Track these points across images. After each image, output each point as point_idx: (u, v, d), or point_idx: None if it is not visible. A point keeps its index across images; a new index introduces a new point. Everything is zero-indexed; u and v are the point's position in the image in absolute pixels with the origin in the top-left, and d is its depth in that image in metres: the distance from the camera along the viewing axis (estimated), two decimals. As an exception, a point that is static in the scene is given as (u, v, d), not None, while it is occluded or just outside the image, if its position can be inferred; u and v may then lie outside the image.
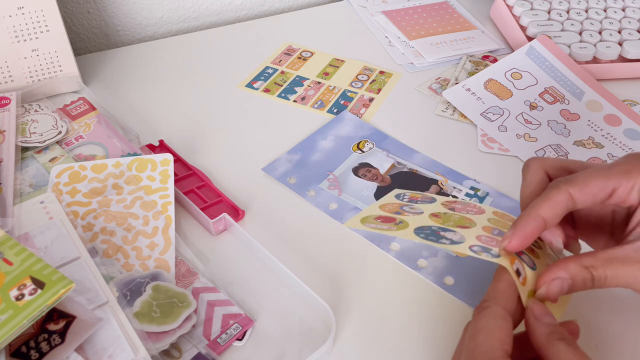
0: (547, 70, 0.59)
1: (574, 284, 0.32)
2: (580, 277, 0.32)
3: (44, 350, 0.32)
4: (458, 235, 0.34)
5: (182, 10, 0.72)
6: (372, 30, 0.70)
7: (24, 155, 0.48)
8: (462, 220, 0.36)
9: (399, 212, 0.38)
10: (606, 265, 0.32)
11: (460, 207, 0.39)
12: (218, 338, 0.36)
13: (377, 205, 0.40)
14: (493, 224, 0.36)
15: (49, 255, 0.37)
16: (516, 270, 0.32)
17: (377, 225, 0.36)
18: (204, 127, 0.55)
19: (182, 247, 0.42)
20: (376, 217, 0.38)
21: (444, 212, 0.38)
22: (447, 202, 0.40)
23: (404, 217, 0.37)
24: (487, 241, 0.34)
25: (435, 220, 0.36)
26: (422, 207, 0.39)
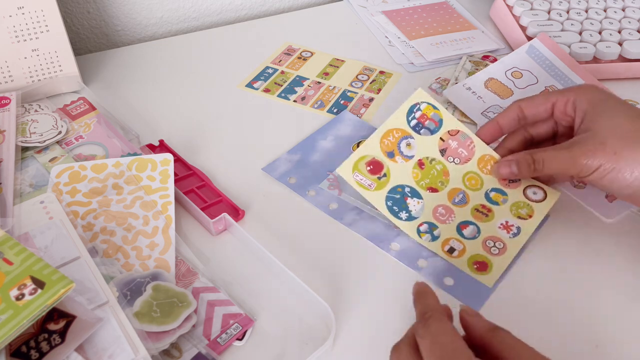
0: (547, 68, 0.59)
1: (520, 167, 0.43)
2: (524, 160, 0.43)
3: (44, 350, 0.32)
4: (420, 205, 0.43)
5: (182, 10, 0.72)
6: (372, 30, 0.70)
7: (24, 155, 0.48)
8: (439, 177, 0.44)
9: (393, 152, 0.44)
10: (543, 151, 0.42)
11: (455, 146, 0.45)
12: (218, 338, 0.36)
13: (383, 130, 0.45)
14: (464, 184, 0.45)
15: (49, 255, 0.37)
16: (448, 250, 0.42)
17: (363, 177, 0.43)
18: (204, 127, 0.55)
19: (182, 247, 0.42)
20: (368, 161, 0.44)
21: (432, 157, 0.45)
22: (450, 132, 0.46)
23: (391, 165, 0.44)
24: (440, 215, 0.43)
25: (415, 175, 0.44)
26: (419, 142, 0.45)
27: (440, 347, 0.30)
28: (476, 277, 0.41)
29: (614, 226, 0.46)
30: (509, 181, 0.45)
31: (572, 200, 0.48)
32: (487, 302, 0.40)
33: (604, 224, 0.46)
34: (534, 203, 0.44)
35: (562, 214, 0.46)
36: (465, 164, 0.45)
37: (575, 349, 0.37)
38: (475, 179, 0.45)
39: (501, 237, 0.42)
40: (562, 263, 0.43)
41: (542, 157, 0.42)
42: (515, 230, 0.43)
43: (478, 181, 0.45)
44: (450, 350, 0.29)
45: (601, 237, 0.45)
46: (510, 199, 0.45)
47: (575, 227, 0.46)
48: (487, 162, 0.46)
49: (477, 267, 0.41)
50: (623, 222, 0.46)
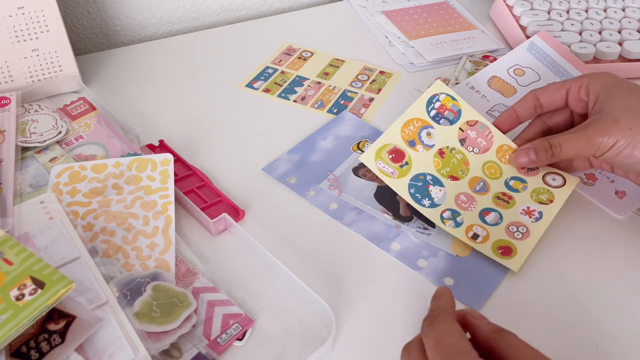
0: (549, 65, 0.59)
1: (537, 153, 0.44)
2: (541, 146, 0.44)
3: (44, 350, 0.32)
4: (442, 193, 0.44)
5: (182, 10, 0.72)
6: (372, 30, 0.70)
7: (24, 155, 0.48)
8: (459, 166, 0.45)
9: (414, 141, 0.45)
10: (559, 135, 0.43)
11: (474, 135, 0.47)
12: (218, 338, 0.36)
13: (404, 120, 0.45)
14: (484, 173, 0.46)
15: (49, 255, 0.37)
16: (472, 236, 0.42)
17: (385, 165, 0.44)
18: (204, 127, 0.55)
19: (182, 247, 0.42)
20: (390, 149, 0.44)
21: (452, 147, 0.46)
22: (467, 123, 0.47)
23: (412, 154, 0.45)
24: (462, 202, 0.44)
25: (436, 163, 0.45)
26: (439, 132, 0.46)
27: (445, 346, 0.30)
28: (501, 262, 0.41)
29: (620, 226, 0.46)
30: (528, 170, 0.46)
31: (581, 197, 0.48)
32: (488, 302, 0.40)
33: (609, 222, 0.46)
34: (553, 189, 0.45)
35: (570, 211, 0.46)
36: (484, 153, 0.46)
37: (575, 348, 0.37)
38: (494, 168, 0.46)
39: (524, 222, 0.43)
40: (562, 263, 0.43)
41: (559, 141, 0.42)
42: (537, 215, 0.44)
43: (497, 170, 0.46)
44: (454, 350, 0.30)
45: (606, 237, 0.45)
46: (530, 186, 0.45)
47: (580, 225, 0.46)
48: (505, 152, 0.47)
49: (501, 252, 0.42)
50: (629, 221, 0.46)
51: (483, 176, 0.45)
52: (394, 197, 0.47)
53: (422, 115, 0.46)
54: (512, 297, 0.40)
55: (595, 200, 0.48)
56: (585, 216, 0.47)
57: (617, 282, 0.42)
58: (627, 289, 0.41)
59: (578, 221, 0.46)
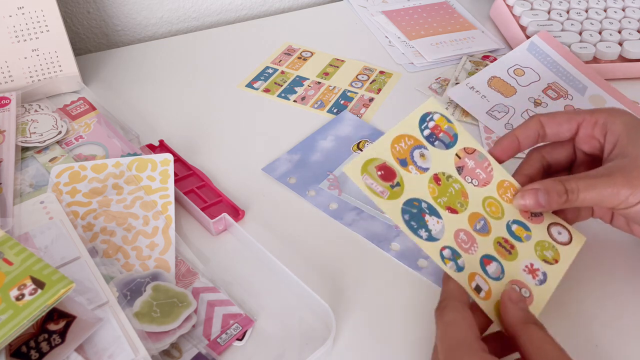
0: (549, 65, 0.59)
1: (549, 197, 0.36)
2: (554, 189, 0.35)
3: (44, 350, 0.32)
4: (440, 225, 0.36)
5: (182, 10, 0.72)
6: (372, 30, 0.70)
7: (24, 155, 0.48)
8: (457, 197, 0.38)
9: (406, 160, 0.37)
10: (578, 180, 0.35)
11: (472, 165, 0.39)
12: (218, 338, 0.36)
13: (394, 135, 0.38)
14: (485, 209, 0.38)
15: (49, 255, 0.37)
16: (475, 287, 0.34)
17: (374, 182, 0.35)
18: (204, 127, 0.55)
19: (182, 247, 0.42)
20: (379, 165, 0.36)
21: (448, 174, 0.38)
22: (466, 150, 0.40)
23: (404, 175, 0.37)
24: (463, 242, 0.36)
25: (432, 190, 0.37)
26: (434, 155, 0.38)
27: (448, 339, 0.30)
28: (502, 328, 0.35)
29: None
30: (532, 214, 0.39)
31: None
32: (487, 302, 0.40)
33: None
34: (559, 245, 0.39)
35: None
36: (484, 187, 0.39)
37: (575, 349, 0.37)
38: (495, 206, 0.39)
39: (527, 283, 0.37)
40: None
41: (577, 186, 0.35)
42: (541, 277, 0.37)
43: (499, 209, 0.39)
44: (455, 342, 0.29)
45: (604, 237, 0.45)
46: (534, 236, 0.39)
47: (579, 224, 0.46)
48: (506, 189, 0.40)
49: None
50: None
51: (484, 213, 0.38)
52: (394, 197, 0.47)
53: (414, 133, 0.38)
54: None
55: None
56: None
57: (616, 282, 0.42)
58: (628, 287, 0.41)
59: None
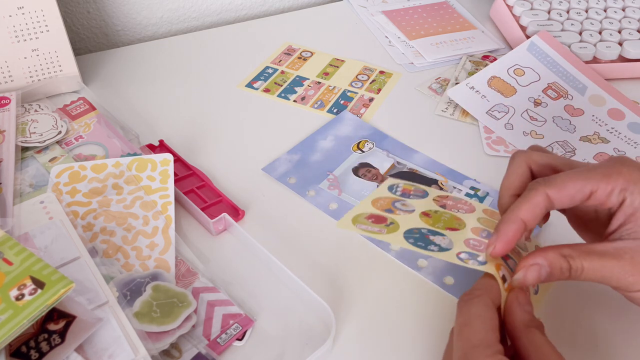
0: (549, 65, 0.59)
1: (551, 272, 0.33)
2: (558, 265, 0.33)
3: (44, 350, 0.32)
4: (447, 240, 0.35)
5: (182, 10, 0.72)
6: (372, 30, 0.70)
7: (24, 155, 0.48)
8: (452, 221, 0.37)
9: (390, 209, 0.38)
10: (584, 257, 0.32)
11: (451, 203, 0.39)
12: (218, 338, 0.36)
13: (370, 200, 0.39)
14: (482, 224, 0.37)
15: (49, 255, 0.37)
16: (502, 277, 0.33)
17: (368, 226, 0.36)
18: (204, 127, 0.55)
19: (182, 247, 0.42)
20: (368, 215, 0.37)
21: (435, 210, 0.38)
22: (439, 197, 0.40)
23: (395, 217, 0.37)
24: (475, 246, 0.35)
25: (425, 221, 0.37)
26: (414, 203, 0.39)
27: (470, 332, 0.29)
28: None
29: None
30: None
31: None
32: (487, 302, 0.40)
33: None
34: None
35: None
36: (472, 213, 0.38)
37: (575, 349, 0.37)
38: (489, 223, 0.37)
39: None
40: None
41: (582, 266, 0.32)
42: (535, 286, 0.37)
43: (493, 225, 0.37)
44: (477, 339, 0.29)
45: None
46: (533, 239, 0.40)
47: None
48: (493, 214, 0.39)
49: None
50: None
51: (483, 227, 0.37)
52: (394, 197, 0.47)
53: (389, 195, 0.40)
54: (512, 297, 0.40)
55: None
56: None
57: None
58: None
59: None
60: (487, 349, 0.28)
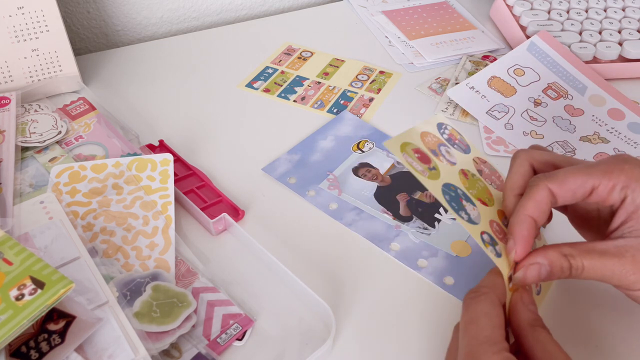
0: (549, 65, 0.59)
1: (551, 270, 0.33)
2: (559, 264, 0.33)
3: (44, 350, 0.32)
4: (476, 212, 0.35)
5: (182, 10, 0.72)
6: (372, 30, 0.70)
7: (24, 155, 0.48)
8: (484, 193, 0.38)
9: (435, 151, 0.38)
10: (584, 255, 0.32)
11: (487, 171, 0.40)
12: (218, 338, 0.36)
13: (419, 131, 0.39)
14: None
15: (49, 255, 0.37)
16: (509, 277, 0.33)
17: (414, 161, 0.35)
18: (204, 127, 0.55)
19: (182, 247, 0.42)
20: (415, 148, 0.36)
21: (472, 172, 0.39)
22: (479, 159, 0.41)
23: (438, 163, 0.37)
24: (497, 231, 0.35)
25: (463, 181, 0.37)
26: (457, 155, 0.39)
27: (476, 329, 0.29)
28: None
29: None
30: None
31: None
32: (487, 302, 0.40)
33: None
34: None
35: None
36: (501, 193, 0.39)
37: (575, 349, 0.37)
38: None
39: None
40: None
41: (583, 265, 0.32)
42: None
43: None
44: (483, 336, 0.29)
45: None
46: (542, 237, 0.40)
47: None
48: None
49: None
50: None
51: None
52: (394, 197, 0.47)
53: (436, 133, 0.39)
54: (512, 297, 0.40)
55: None
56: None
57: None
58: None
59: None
60: (494, 346, 0.28)
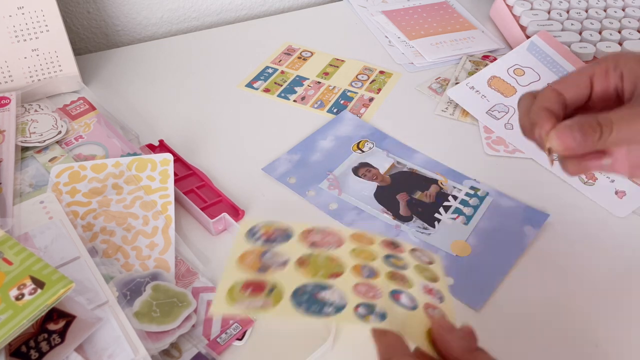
0: (548, 65, 0.59)
1: (583, 132, 0.32)
2: (588, 124, 0.32)
3: (44, 350, 0.32)
4: (336, 293, 0.32)
5: (182, 10, 0.72)
6: (372, 30, 0.70)
7: (24, 155, 0.48)
8: (330, 264, 0.34)
9: (262, 267, 0.34)
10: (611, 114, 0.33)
11: (319, 238, 0.36)
12: (218, 338, 0.36)
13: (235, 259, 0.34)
14: (358, 258, 0.35)
15: (49, 255, 0.37)
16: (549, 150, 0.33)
17: (250, 301, 0.31)
18: (204, 127, 0.55)
19: (182, 247, 0.42)
20: (243, 285, 0.32)
21: (308, 253, 0.35)
22: (305, 233, 0.36)
23: (272, 276, 0.33)
24: (366, 291, 0.33)
25: (305, 273, 0.33)
26: (283, 249, 0.35)
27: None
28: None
29: (618, 225, 0.46)
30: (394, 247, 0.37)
31: (581, 197, 0.48)
32: (488, 301, 0.40)
33: (608, 223, 0.46)
34: (428, 265, 0.36)
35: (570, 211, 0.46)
36: (342, 246, 0.36)
37: (575, 348, 0.37)
38: (364, 253, 0.36)
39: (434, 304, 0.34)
40: (564, 262, 0.43)
41: (611, 120, 0.32)
42: (438, 295, 0.35)
43: (368, 253, 0.36)
44: None
45: (606, 236, 0.45)
46: (408, 262, 0.36)
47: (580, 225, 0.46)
48: (359, 238, 0.37)
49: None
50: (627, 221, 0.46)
51: (362, 262, 0.35)
52: (394, 197, 0.47)
53: (251, 247, 0.35)
54: (512, 296, 0.40)
55: (595, 199, 0.48)
56: (585, 216, 0.47)
57: (617, 281, 0.42)
58: (627, 288, 0.41)
59: (578, 220, 0.46)
60: None
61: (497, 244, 0.44)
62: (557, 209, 0.46)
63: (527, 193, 0.48)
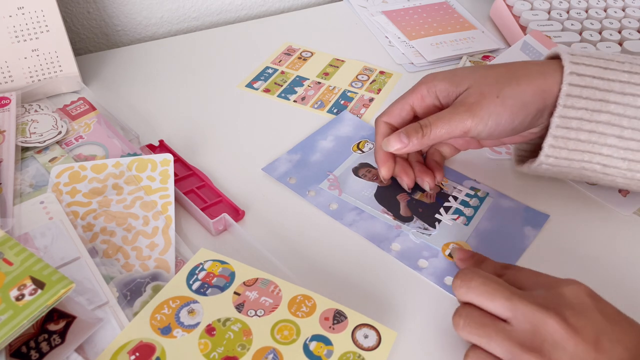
0: None
1: (408, 134, 0.42)
2: (412, 128, 0.42)
3: (44, 350, 0.32)
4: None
5: (182, 10, 0.72)
6: (372, 30, 0.70)
7: (24, 155, 0.48)
8: (237, 341, 0.34)
9: (168, 326, 0.34)
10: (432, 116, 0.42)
11: (255, 296, 0.36)
12: (218, 338, 0.36)
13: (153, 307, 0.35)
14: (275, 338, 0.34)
15: (49, 255, 0.37)
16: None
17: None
18: (204, 127, 0.55)
19: (182, 247, 0.42)
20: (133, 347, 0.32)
21: (226, 318, 0.35)
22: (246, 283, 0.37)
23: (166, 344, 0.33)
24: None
25: (204, 346, 0.33)
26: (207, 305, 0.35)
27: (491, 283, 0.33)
28: None
29: (619, 227, 0.46)
30: (333, 324, 0.35)
31: (584, 195, 0.48)
32: (488, 302, 0.40)
33: (609, 224, 0.46)
34: (366, 352, 0.34)
35: (574, 209, 0.46)
36: (272, 313, 0.35)
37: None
38: (288, 329, 0.35)
39: None
40: (567, 259, 0.43)
41: (429, 122, 0.42)
42: None
43: (293, 330, 0.35)
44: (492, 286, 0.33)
45: (609, 234, 0.45)
46: (337, 349, 0.34)
47: (584, 223, 0.46)
48: (300, 304, 0.36)
49: None
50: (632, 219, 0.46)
51: (273, 344, 0.34)
52: (394, 198, 0.47)
53: (181, 293, 0.36)
54: (512, 297, 0.40)
55: (599, 198, 0.48)
56: (589, 214, 0.47)
57: (617, 283, 0.42)
58: (628, 289, 0.41)
59: (582, 219, 0.46)
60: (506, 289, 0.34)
61: (497, 244, 0.44)
62: (557, 210, 0.46)
63: (527, 194, 0.48)
